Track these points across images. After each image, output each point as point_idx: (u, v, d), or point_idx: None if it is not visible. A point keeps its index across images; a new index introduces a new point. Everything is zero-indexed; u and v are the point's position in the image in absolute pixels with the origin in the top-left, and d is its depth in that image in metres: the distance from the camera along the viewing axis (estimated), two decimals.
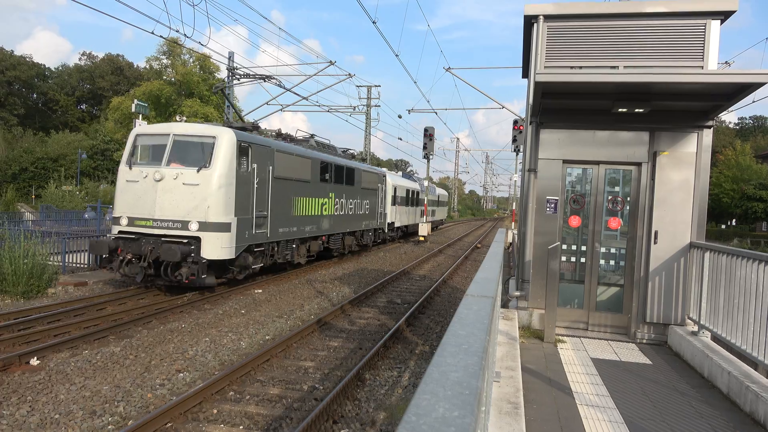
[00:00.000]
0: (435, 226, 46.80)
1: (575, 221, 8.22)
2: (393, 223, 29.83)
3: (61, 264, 15.43)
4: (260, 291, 14.53)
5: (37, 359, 8.17)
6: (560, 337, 7.62)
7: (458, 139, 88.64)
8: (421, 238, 32.53)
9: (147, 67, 48.10)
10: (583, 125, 7.98)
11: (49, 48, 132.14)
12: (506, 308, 8.29)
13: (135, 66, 69.07)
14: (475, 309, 1.72)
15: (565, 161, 8.13)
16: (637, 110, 7.40)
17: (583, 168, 8.26)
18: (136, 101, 23.76)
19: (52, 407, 6.55)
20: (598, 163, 8.10)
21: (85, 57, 71.72)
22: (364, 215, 23.53)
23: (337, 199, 19.46)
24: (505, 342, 6.22)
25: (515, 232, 22.30)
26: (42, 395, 6.90)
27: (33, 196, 43.02)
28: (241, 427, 6.34)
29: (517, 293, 8.17)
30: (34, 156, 50.11)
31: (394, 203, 29.76)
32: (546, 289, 7.64)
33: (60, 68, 74.04)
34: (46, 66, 73.15)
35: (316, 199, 17.48)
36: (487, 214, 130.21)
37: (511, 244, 26.32)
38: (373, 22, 18.25)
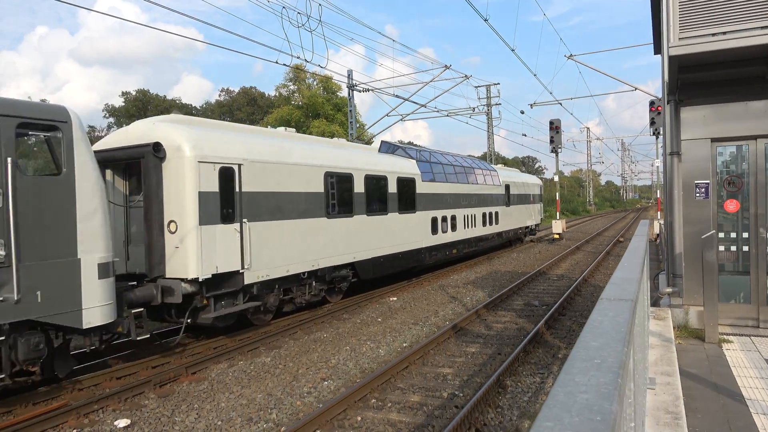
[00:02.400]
0: (508, 239, 26.44)
1: (732, 205, 7.32)
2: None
3: None
4: (395, 299, 14.80)
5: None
6: (725, 337, 6.79)
7: (588, 128, 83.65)
8: (556, 236, 31.10)
9: (277, 94, 51.71)
10: (731, 97, 7.10)
11: (194, 89, 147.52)
12: (657, 306, 7.59)
13: (266, 95, 74.63)
14: (611, 315, 1.55)
15: (713, 140, 7.29)
16: None
17: (738, 145, 7.34)
18: (269, 127, 25.57)
19: (215, 414, 7.19)
20: (755, 137, 7.15)
21: (224, 93, 78.80)
22: None
23: None
24: (659, 344, 5.68)
25: (662, 222, 20.44)
26: (206, 403, 7.59)
27: None
28: None
29: (669, 290, 7.44)
30: None
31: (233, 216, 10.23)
32: (703, 283, 6.87)
33: (204, 106, 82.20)
34: (193, 105, 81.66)
35: None
36: (628, 204, 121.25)
37: (657, 235, 24.21)
38: (485, 20, 17.92)
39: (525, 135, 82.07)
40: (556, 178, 33.53)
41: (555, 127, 29.93)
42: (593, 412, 0.86)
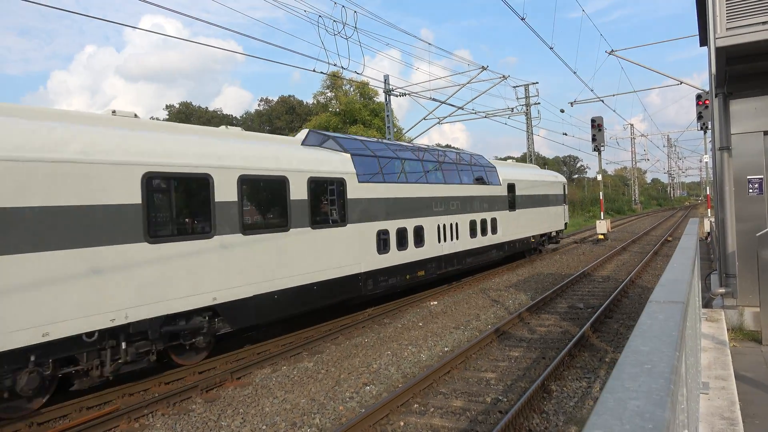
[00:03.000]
0: (515, 250, 21.21)
1: None
2: None
3: None
4: (435, 303, 14.71)
5: None
6: None
7: (632, 125, 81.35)
8: (601, 237, 30.36)
9: (314, 102, 52.34)
10: None
11: (235, 100, 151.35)
12: (709, 308, 7.29)
13: (305, 103, 75.58)
14: (660, 318, 1.48)
15: (767, 132, 6.97)
16: None
17: None
18: None
19: (259, 419, 7.29)
20: None
21: (263, 102, 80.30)
22: None
23: None
24: (711, 347, 5.45)
25: (712, 220, 19.69)
26: (251, 408, 7.71)
27: None
28: None
29: (722, 290, 7.14)
30: None
31: None
32: (759, 282, 6.56)
33: (244, 116, 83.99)
34: (233, 116, 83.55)
35: None
36: (676, 202, 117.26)
37: (708, 233, 23.32)
38: (522, 19, 17.70)
39: (566, 134, 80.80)
40: (599, 177, 32.74)
41: (597, 125, 29.31)
42: (645, 420, 0.82)
